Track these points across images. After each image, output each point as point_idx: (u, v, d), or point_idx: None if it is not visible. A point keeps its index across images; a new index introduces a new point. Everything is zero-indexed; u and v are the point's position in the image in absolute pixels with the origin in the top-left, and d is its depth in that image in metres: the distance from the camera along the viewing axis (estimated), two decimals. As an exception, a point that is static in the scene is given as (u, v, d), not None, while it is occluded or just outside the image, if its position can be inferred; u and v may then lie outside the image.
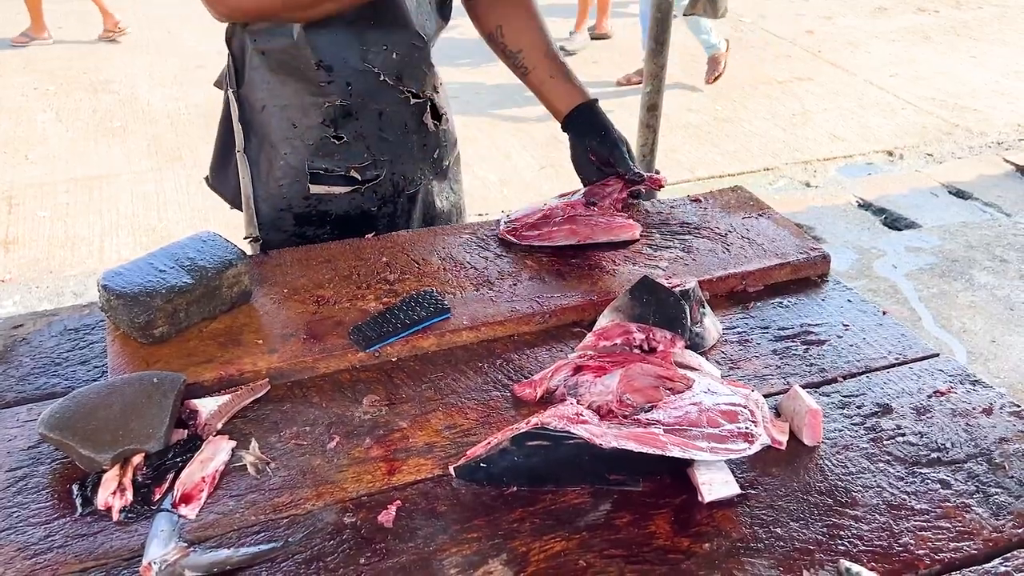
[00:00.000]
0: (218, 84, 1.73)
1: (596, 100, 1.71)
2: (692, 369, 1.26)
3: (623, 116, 5.02)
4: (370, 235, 1.64)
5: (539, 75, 1.72)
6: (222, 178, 1.76)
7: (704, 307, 1.39)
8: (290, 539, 1.03)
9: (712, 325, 1.39)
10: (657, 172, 1.76)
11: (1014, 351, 3.44)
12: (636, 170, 1.64)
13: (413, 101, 1.66)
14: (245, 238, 1.71)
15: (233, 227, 1.80)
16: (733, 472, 1.11)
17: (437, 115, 1.74)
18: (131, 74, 5.97)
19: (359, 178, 1.64)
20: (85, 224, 4.21)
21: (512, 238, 1.59)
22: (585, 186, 1.70)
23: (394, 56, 1.58)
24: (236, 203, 1.75)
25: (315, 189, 1.64)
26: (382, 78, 1.59)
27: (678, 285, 1.37)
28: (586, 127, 1.68)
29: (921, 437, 1.21)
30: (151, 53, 6.34)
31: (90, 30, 6.70)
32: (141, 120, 5.35)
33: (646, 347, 1.29)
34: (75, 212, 4.31)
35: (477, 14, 1.76)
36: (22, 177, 4.63)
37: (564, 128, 1.72)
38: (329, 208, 1.66)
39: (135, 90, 5.76)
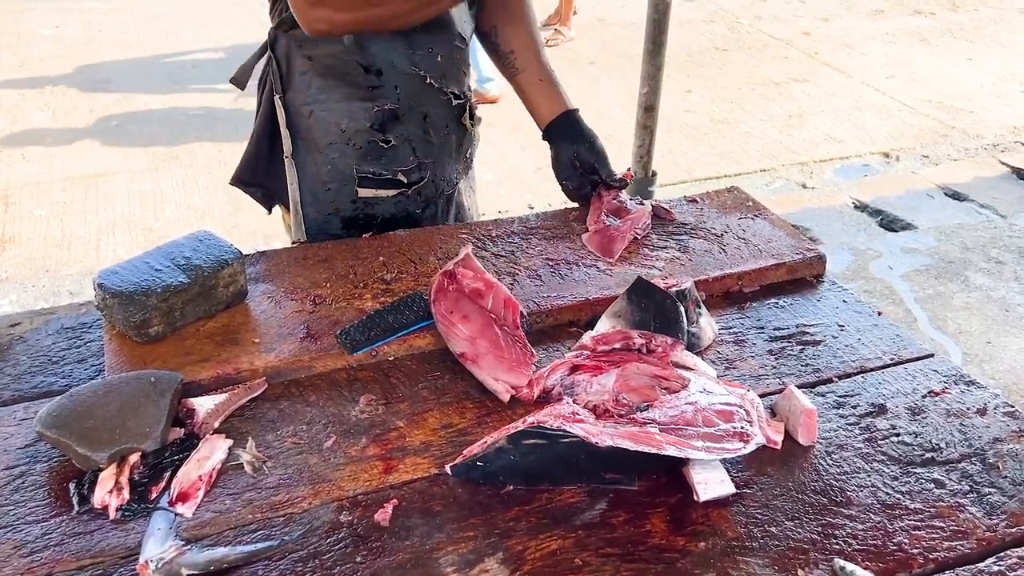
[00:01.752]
0: (236, 81, 1.71)
1: (577, 110, 1.74)
2: (688, 369, 1.27)
3: (619, 114, 5.03)
4: (367, 235, 1.64)
5: (528, 77, 1.75)
6: (257, 178, 1.73)
7: (700, 307, 1.39)
8: (287, 537, 1.03)
9: (708, 325, 1.40)
10: (629, 169, 1.83)
11: (1009, 352, 3.45)
12: (617, 176, 1.72)
13: (455, 102, 1.70)
14: (293, 243, 1.71)
15: (231, 227, 1.81)
16: (728, 471, 1.12)
17: (472, 115, 1.79)
18: (128, 73, 5.96)
19: (405, 180, 1.66)
20: (82, 223, 4.20)
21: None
22: (566, 190, 1.75)
23: (439, 59, 1.62)
24: (269, 204, 1.77)
25: (363, 192, 1.65)
26: (428, 80, 1.62)
27: (674, 285, 1.37)
28: (573, 135, 1.72)
29: (915, 437, 1.21)
30: (148, 52, 6.33)
31: (89, 28, 6.70)
32: (138, 119, 5.34)
33: (645, 350, 1.29)
34: (71, 211, 4.30)
35: (475, 13, 1.76)
36: (18, 175, 4.62)
37: (546, 134, 1.75)
38: (376, 211, 1.68)
39: (132, 88, 5.75)
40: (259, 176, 1.71)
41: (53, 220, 4.22)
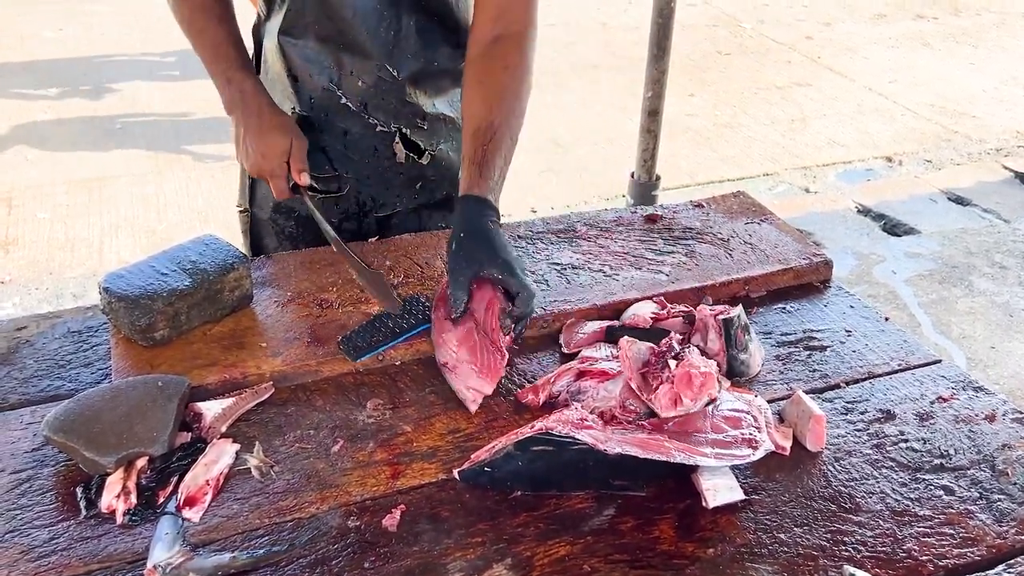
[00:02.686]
0: None
1: (477, 196, 1.36)
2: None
3: (622, 118, 5.04)
4: (373, 239, 1.64)
5: (463, 151, 1.45)
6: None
7: (748, 333, 1.34)
8: (294, 543, 1.03)
9: (757, 351, 1.36)
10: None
11: (1013, 357, 3.44)
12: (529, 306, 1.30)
13: (379, 129, 1.62)
14: (237, 206, 1.79)
15: (235, 231, 1.81)
16: (737, 477, 1.11)
17: (415, 149, 1.66)
18: (131, 75, 5.97)
19: (318, 187, 1.62)
20: (85, 225, 4.20)
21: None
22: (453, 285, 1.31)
23: (360, 83, 1.58)
24: None
25: None
26: (343, 102, 1.59)
27: (722, 312, 1.32)
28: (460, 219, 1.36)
29: (924, 443, 1.21)
30: (151, 55, 6.34)
31: (92, 31, 6.70)
32: (141, 122, 5.35)
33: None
34: (75, 213, 4.30)
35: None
36: (22, 178, 4.62)
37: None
38: (292, 206, 1.70)
39: (136, 91, 5.76)
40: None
41: (56, 223, 4.22)
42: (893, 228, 4.41)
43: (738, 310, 1.33)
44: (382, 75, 1.58)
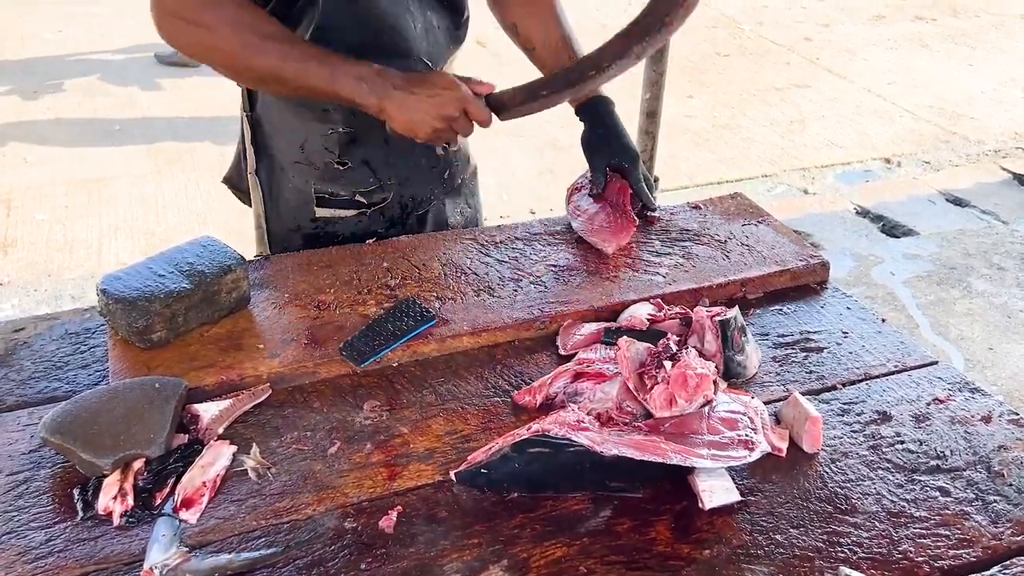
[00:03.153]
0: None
1: (607, 98, 1.69)
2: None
3: (621, 120, 5.03)
4: (371, 241, 1.64)
5: (548, 66, 1.69)
6: (236, 184, 1.80)
7: (746, 334, 1.34)
8: (291, 544, 1.03)
9: (754, 353, 1.36)
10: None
11: (1011, 359, 3.44)
12: (652, 199, 1.70)
13: None
14: (256, 256, 1.71)
15: (234, 232, 1.81)
16: (733, 479, 1.12)
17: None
18: (131, 77, 5.97)
19: (365, 202, 1.65)
20: (84, 227, 4.20)
21: None
22: (593, 169, 1.70)
23: None
24: (250, 204, 1.78)
25: (321, 212, 1.64)
26: None
27: (718, 314, 1.33)
28: (597, 117, 1.68)
29: (920, 445, 1.21)
30: (151, 56, 6.34)
31: (92, 32, 6.71)
32: (140, 123, 5.35)
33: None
34: (74, 215, 4.30)
35: (498, 9, 1.75)
36: (20, 179, 4.62)
37: (577, 113, 1.71)
38: (336, 230, 1.67)
39: (135, 93, 5.76)
40: (243, 180, 1.74)
41: (55, 224, 4.22)
42: (891, 229, 4.42)
43: (734, 311, 1.33)
44: (419, 68, 1.58)
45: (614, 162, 1.66)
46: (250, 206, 1.78)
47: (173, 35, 1.38)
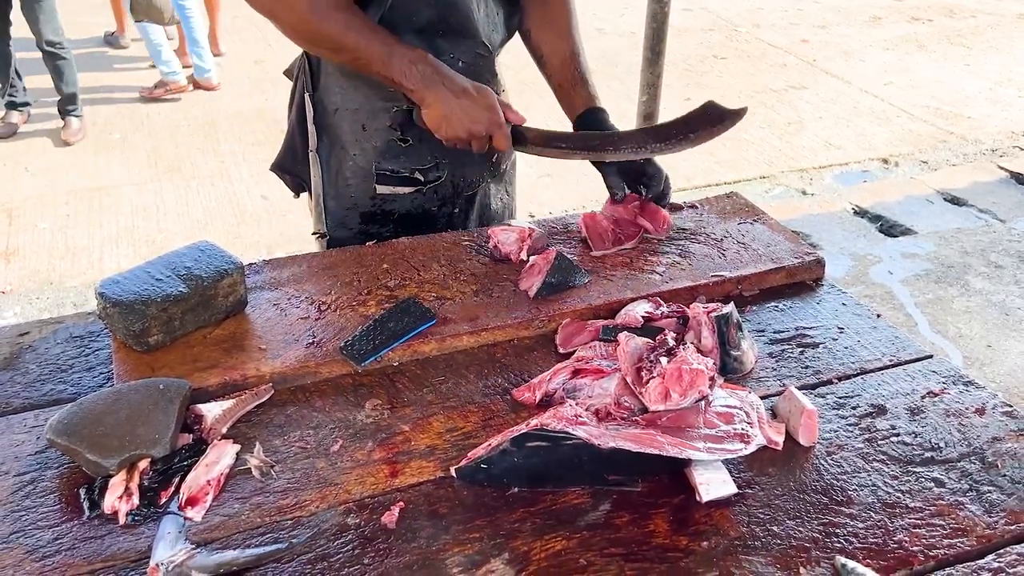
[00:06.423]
0: (287, 73, 1.80)
1: (603, 109, 1.73)
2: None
3: (619, 123, 5.05)
4: (371, 243, 1.66)
5: (556, 81, 1.78)
6: (289, 168, 1.83)
7: (741, 330, 1.36)
8: (295, 540, 1.04)
9: (751, 349, 1.37)
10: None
11: (1010, 356, 3.46)
12: (663, 189, 1.72)
13: None
14: (313, 233, 1.81)
15: (232, 238, 1.83)
16: (730, 472, 1.13)
17: None
18: (130, 85, 6.00)
19: (422, 179, 1.71)
20: (85, 235, 4.23)
21: None
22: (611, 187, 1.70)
23: (460, 64, 1.63)
24: (298, 190, 1.85)
25: (381, 189, 1.71)
26: None
27: (714, 310, 1.35)
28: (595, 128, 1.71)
29: (915, 437, 1.23)
30: (150, 65, 6.37)
31: (91, 42, 6.74)
32: (141, 131, 5.37)
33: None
34: (75, 224, 4.33)
35: (520, 15, 1.79)
36: (22, 189, 4.65)
37: (574, 127, 1.75)
38: (393, 207, 1.74)
39: (134, 102, 5.79)
40: (295, 165, 1.80)
41: (57, 233, 4.25)
42: (889, 229, 4.43)
43: (730, 307, 1.35)
44: (480, 51, 1.66)
45: (639, 188, 1.70)
46: (296, 196, 1.86)
47: None
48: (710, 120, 1.52)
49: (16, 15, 5.04)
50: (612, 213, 1.68)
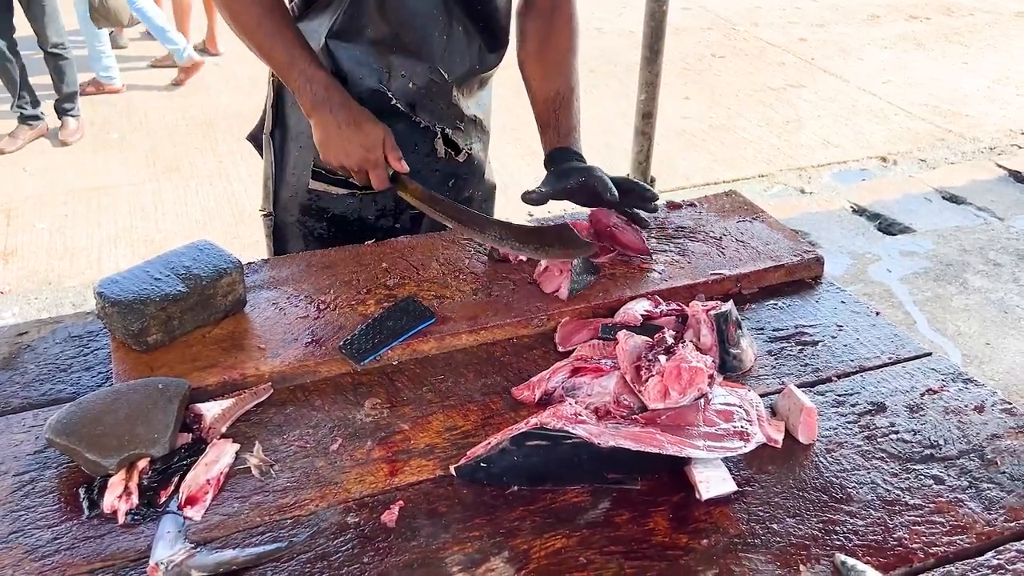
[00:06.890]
0: None
1: (568, 147, 1.66)
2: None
3: (618, 122, 5.06)
4: (369, 242, 1.66)
5: (537, 118, 1.73)
6: (259, 143, 1.85)
7: (741, 328, 1.35)
8: (295, 539, 1.04)
9: (749, 347, 1.37)
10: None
11: (1008, 354, 3.46)
12: (614, 194, 1.56)
13: (423, 126, 1.69)
14: (260, 210, 1.83)
15: (231, 237, 1.83)
16: (730, 470, 1.13)
17: (454, 147, 1.75)
18: (128, 85, 5.99)
19: (357, 184, 1.66)
20: (83, 236, 4.22)
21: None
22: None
23: (411, 85, 1.63)
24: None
25: (313, 185, 1.72)
26: (393, 102, 1.63)
27: (714, 308, 1.35)
28: (559, 167, 1.64)
29: (914, 434, 1.23)
30: (148, 65, 6.37)
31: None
32: (139, 131, 5.37)
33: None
34: (73, 224, 4.32)
35: (518, 40, 1.78)
36: (20, 189, 4.65)
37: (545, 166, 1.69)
38: (327, 206, 1.74)
39: (132, 101, 5.78)
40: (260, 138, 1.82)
41: (55, 233, 4.24)
42: (888, 227, 4.44)
43: (729, 305, 1.35)
44: (434, 77, 1.64)
45: (575, 182, 1.59)
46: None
47: None
48: (562, 241, 1.50)
49: (17, 17, 5.02)
50: (594, 226, 1.63)
